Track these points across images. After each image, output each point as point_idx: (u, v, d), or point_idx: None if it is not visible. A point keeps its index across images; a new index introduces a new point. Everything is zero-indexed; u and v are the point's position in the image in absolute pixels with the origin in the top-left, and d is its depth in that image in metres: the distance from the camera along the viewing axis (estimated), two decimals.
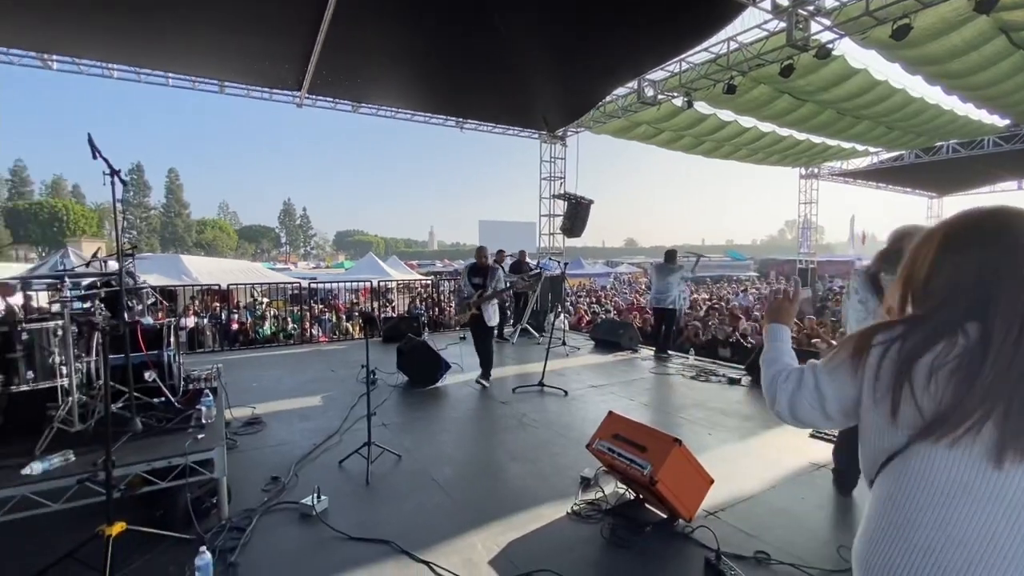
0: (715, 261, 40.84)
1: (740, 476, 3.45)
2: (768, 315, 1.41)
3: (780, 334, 1.33)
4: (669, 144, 12.66)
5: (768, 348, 1.30)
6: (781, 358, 1.25)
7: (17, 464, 2.52)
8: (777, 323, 1.35)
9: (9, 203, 54.40)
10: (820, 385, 1.08)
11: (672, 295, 7.44)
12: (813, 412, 1.10)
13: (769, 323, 1.37)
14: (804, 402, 1.10)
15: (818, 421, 1.12)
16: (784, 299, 1.41)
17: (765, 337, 1.35)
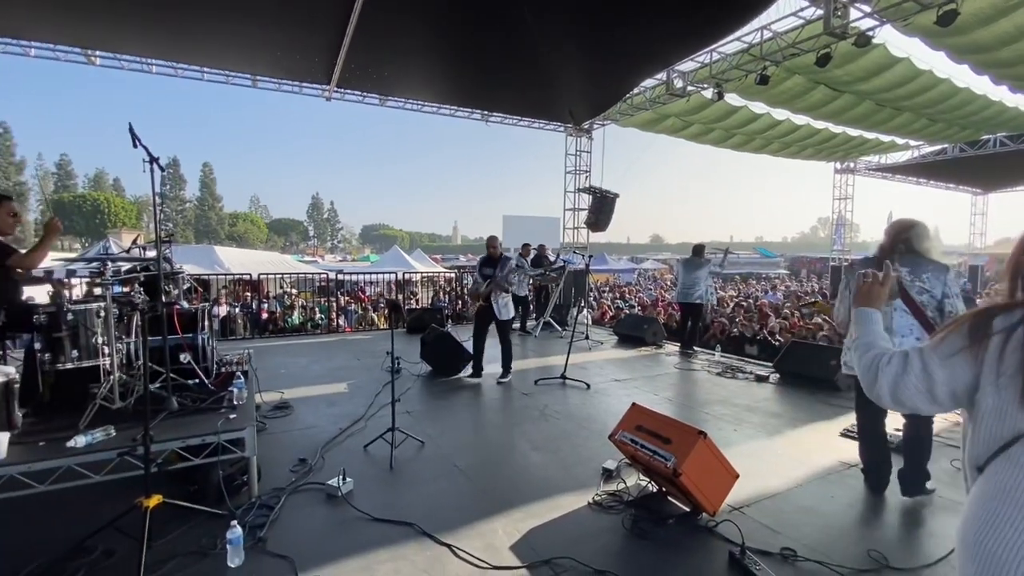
0: (744, 258, 39.95)
1: (766, 472, 3.38)
2: (858, 299, 1.39)
3: (872, 317, 1.32)
4: (698, 137, 12.41)
5: (861, 332, 1.29)
6: (877, 341, 1.25)
7: (63, 437, 2.65)
8: (868, 307, 1.34)
9: (55, 195, 56.91)
10: (929, 368, 1.07)
11: (699, 290, 7.32)
12: (918, 396, 1.09)
13: (859, 307, 1.36)
14: (909, 385, 1.10)
15: (923, 405, 1.11)
16: (874, 283, 1.39)
17: (855, 322, 1.35)
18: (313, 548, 2.48)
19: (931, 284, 2.85)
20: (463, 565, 2.37)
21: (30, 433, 2.77)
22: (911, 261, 2.90)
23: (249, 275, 10.76)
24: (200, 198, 70.79)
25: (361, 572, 2.31)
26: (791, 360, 5.90)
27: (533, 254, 9.74)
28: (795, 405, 4.96)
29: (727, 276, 31.65)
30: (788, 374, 5.82)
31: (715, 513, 2.74)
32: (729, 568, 2.37)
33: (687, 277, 7.45)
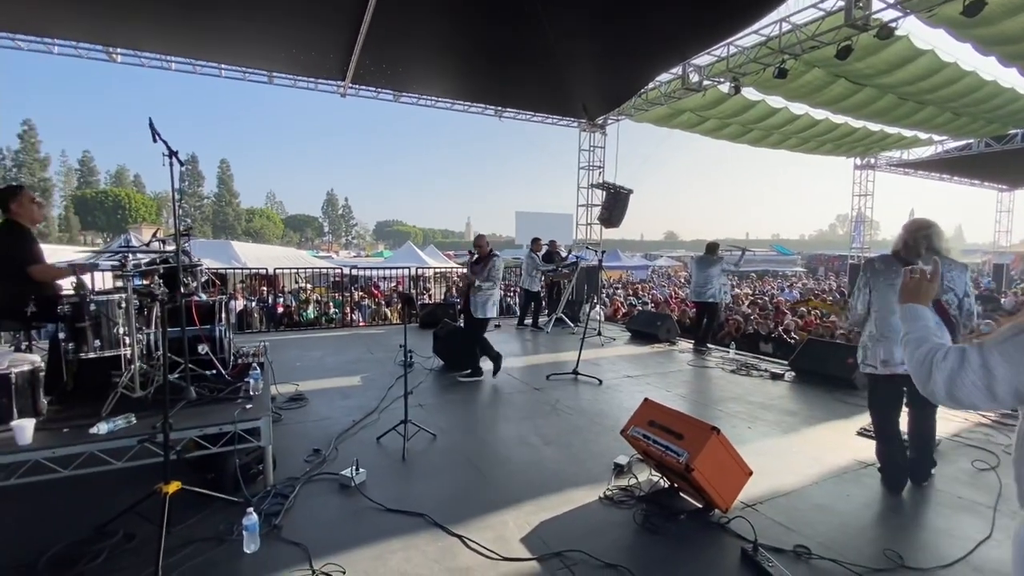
0: (760, 255, 39.43)
1: (780, 470, 3.35)
2: (906, 295, 1.38)
3: (922, 314, 1.31)
4: (714, 132, 12.28)
5: (911, 329, 1.28)
6: (930, 337, 1.24)
7: (86, 424, 2.72)
8: (916, 303, 1.33)
9: (78, 191, 58.23)
10: (989, 364, 1.05)
11: (712, 288, 7.25)
12: (976, 392, 1.07)
13: (907, 303, 1.34)
14: (967, 381, 1.08)
15: (980, 401, 1.09)
16: (922, 279, 1.38)
17: (903, 319, 1.33)
18: (327, 536, 2.51)
19: (955, 283, 2.90)
20: (474, 556, 2.39)
21: (54, 420, 2.85)
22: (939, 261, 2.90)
23: (265, 270, 10.92)
24: (218, 194, 71.84)
25: (374, 561, 2.34)
26: (807, 358, 5.81)
27: (544, 249, 9.72)
28: (811, 403, 4.89)
29: (743, 274, 31.30)
30: (804, 372, 5.74)
31: (727, 510, 2.72)
32: (741, 564, 2.36)
33: (700, 275, 7.38)
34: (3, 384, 2.68)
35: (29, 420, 2.57)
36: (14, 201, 3.38)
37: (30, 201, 3.46)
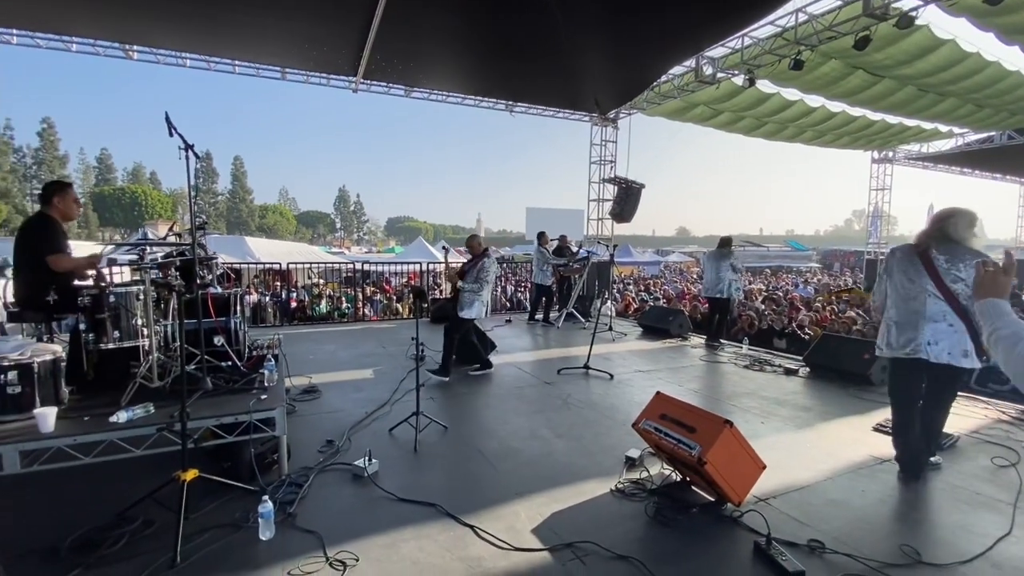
0: (774, 251, 38.97)
1: (794, 465, 3.32)
2: (982, 290, 1.33)
3: (1004, 308, 1.26)
4: (727, 126, 12.11)
5: (1001, 324, 1.24)
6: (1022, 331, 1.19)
7: (106, 413, 2.78)
8: (996, 298, 1.29)
9: (96, 189, 59.26)
10: None
11: (723, 284, 7.20)
12: None
13: (986, 298, 1.30)
14: None
15: None
16: (997, 272, 1.33)
17: (984, 315, 1.29)
18: (340, 525, 2.54)
19: (966, 273, 2.89)
20: (486, 546, 2.40)
21: (76, 408, 2.92)
22: (948, 249, 2.99)
23: (279, 265, 11.03)
24: (232, 191, 72.70)
25: (386, 549, 2.36)
26: (822, 353, 5.74)
27: (555, 244, 9.70)
28: (826, 399, 4.83)
29: (756, 269, 30.98)
30: (819, 367, 5.67)
31: (740, 503, 2.71)
32: (754, 558, 2.34)
33: (712, 271, 7.33)
34: (26, 373, 2.74)
35: (51, 408, 2.63)
36: (59, 195, 3.46)
37: (73, 200, 3.54)
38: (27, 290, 3.33)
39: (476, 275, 5.27)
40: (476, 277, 5.27)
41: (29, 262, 3.32)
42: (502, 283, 13.86)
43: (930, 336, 2.98)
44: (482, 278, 5.28)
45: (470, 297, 5.24)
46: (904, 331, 3.08)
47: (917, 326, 3.02)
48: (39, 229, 3.36)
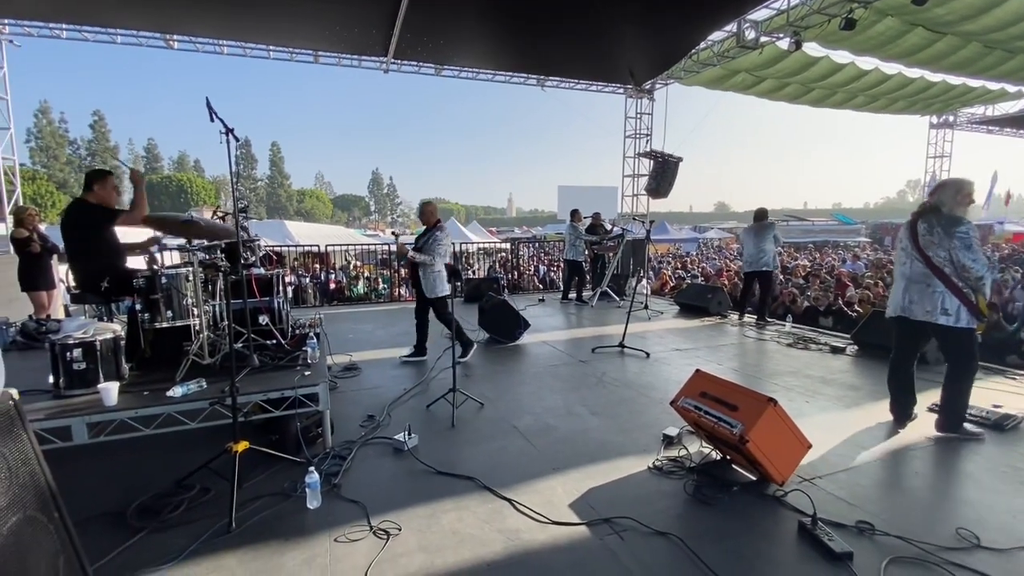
0: (819, 225, 37.26)
1: (842, 445, 3.21)
2: None
3: None
4: (771, 94, 11.54)
5: None
6: None
7: (163, 388, 2.94)
8: None
9: (144, 177, 62.07)
10: None
11: (766, 257, 6.94)
12: None
13: None
14: None
15: None
16: None
17: None
18: (383, 495, 2.63)
19: (939, 238, 3.22)
20: (523, 518, 2.44)
21: (135, 384, 3.10)
22: (929, 218, 3.32)
23: (317, 247, 11.32)
24: (270, 176, 74.66)
25: (427, 519, 2.43)
26: (872, 331, 5.48)
27: (588, 221, 9.56)
28: (876, 378, 4.62)
29: (800, 245, 29.77)
30: (868, 345, 5.43)
31: (784, 483, 2.64)
32: (799, 538, 2.29)
33: (752, 245, 7.07)
34: (90, 351, 2.92)
35: (114, 383, 2.81)
36: (98, 183, 3.62)
37: (112, 188, 3.71)
38: (83, 275, 3.53)
39: (429, 247, 4.95)
40: (427, 249, 4.95)
41: (81, 248, 3.50)
42: (534, 263, 13.82)
43: (911, 296, 3.37)
44: (433, 250, 4.94)
45: (432, 274, 4.97)
46: (895, 293, 3.52)
47: (904, 288, 3.44)
48: (84, 217, 3.52)
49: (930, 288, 3.27)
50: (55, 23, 7.84)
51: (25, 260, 5.87)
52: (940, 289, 3.23)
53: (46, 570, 1.24)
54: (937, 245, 3.22)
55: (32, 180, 35.99)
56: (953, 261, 3.17)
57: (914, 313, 3.34)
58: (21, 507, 1.21)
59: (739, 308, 7.61)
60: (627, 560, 2.14)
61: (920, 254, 3.31)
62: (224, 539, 2.27)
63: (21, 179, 8.33)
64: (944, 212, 3.26)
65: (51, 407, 2.71)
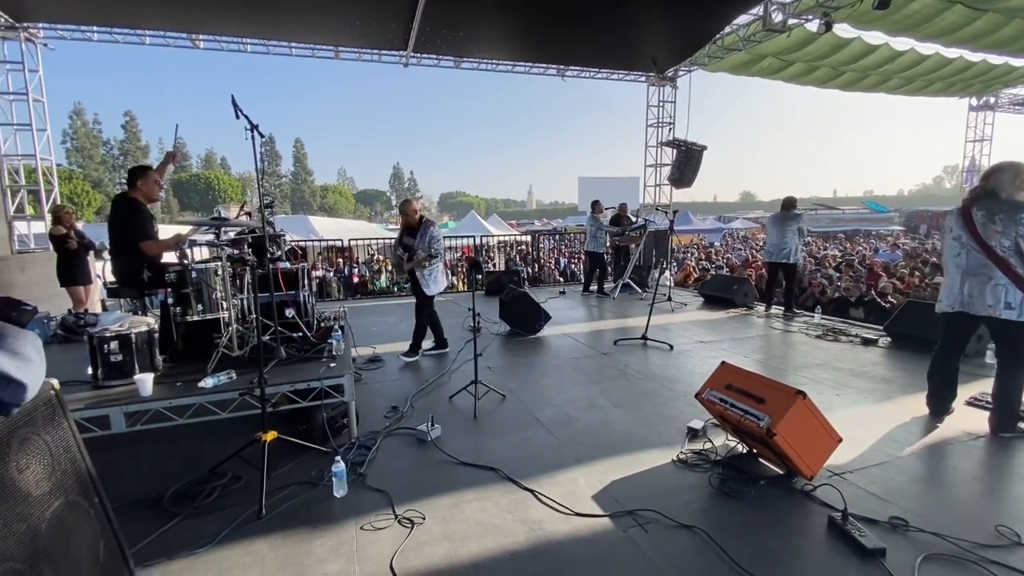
0: (849, 214, 36.07)
1: (874, 439, 3.12)
2: None
3: None
4: (799, 78, 11.18)
5: None
6: None
7: (195, 379, 3.03)
8: None
9: (175, 176, 63.76)
10: None
11: (788, 248, 6.77)
12: None
13: None
14: None
15: None
16: None
17: None
18: (407, 485, 2.67)
19: (1003, 226, 2.99)
20: (546, 510, 2.44)
21: (169, 375, 3.20)
22: (986, 204, 3.10)
23: (340, 241, 11.48)
24: (294, 172, 75.91)
25: (451, 509, 2.45)
26: (906, 322, 5.30)
27: (611, 213, 9.46)
28: (910, 370, 4.48)
29: (829, 234, 28.94)
30: (902, 337, 5.25)
31: (812, 477, 2.58)
32: (828, 533, 2.23)
33: (776, 235, 6.90)
34: (126, 343, 3.03)
35: (149, 374, 2.90)
36: (141, 178, 3.73)
37: (154, 182, 3.81)
38: (123, 269, 3.65)
39: (432, 248, 4.73)
40: (434, 249, 4.73)
41: (123, 244, 3.62)
42: (555, 255, 13.76)
43: (971, 289, 3.14)
44: (438, 249, 4.77)
45: (432, 271, 4.79)
46: (951, 286, 3.28)
47: (960, 281, 3.20)
48: (127, 213, 3.63)
49: (992, 281, 3.05)
50: (86, 25, 8.08)
51: (63, 256, 6.11)
52: (1003, 282, 3.01)
53: (87, 553, 1.29)
54: (1001, 233, 2.99)
55: (69, 180, 37.34)
56: (1020, 250, 2.95)
57: (975, 308, 3.13)
58: (63, 492, 1.26)
59: (765, 299, 7.45)
60: (651, 553, 2.13)
61: (979, 244, 3.08)
62: (255, 525, 2.34)
63: (59, 179, 8.65)
64: (1003, 198, 3.04)
65: (90, 397, 2.82)
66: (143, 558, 2.10)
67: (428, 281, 4.80)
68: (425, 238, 4.74)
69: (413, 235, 4.81)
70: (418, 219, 4.82)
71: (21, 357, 1.14)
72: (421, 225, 4.78)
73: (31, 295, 5.43)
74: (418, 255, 4.74)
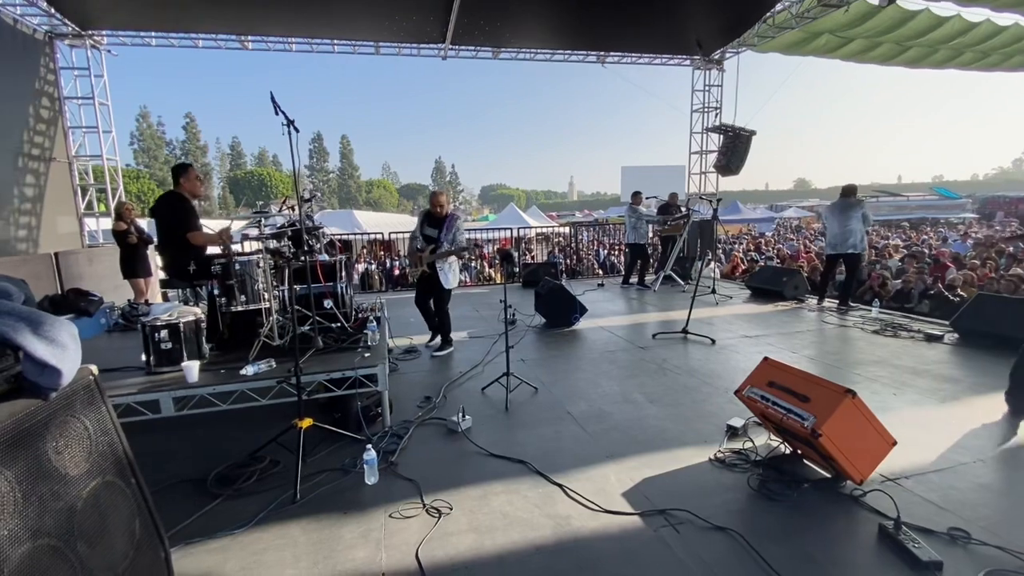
0: (915, 201, 33.69)
1: (934, 443, 2.88)
2: None
3: None
4: (859, 56, 10.44)
5: None
6: None
7: (237, 367, 3.15)
8: None
9: (231, 173, 67.04)
10: None
11: (853, 238, 6.34)
12: None
13: None
14: None
15: None
16: None
17: None
18: (436, 475, 2.68)
19: None
20: (574, 505, 2.40)
21: (214, 363, 3.35)
22: None
23: (381, 235, 11.73)
24: (341, 168, 78.17)
25: (478, 500, 2.45)
26: (975, 317, 4.88)
27: (655, 203, 9.20)
28: (979, 369, 4.12)
29: (892, 222, 27.16)
30: (970, 333, 4.84)
31: (862, 482, 2.41)
32: (879, 543, 2.08)
33: (836, 224, 6.48)
34: (175, 332, 3.19)
35: (195, 362, 3.05)
36: (183, 175, 3.93)
37: (196, 178, 4.00)
38: (171, 262, 3.84)
39: (454, 240, 4.71)
40: (459, 242, 4.73)
41: (168, 238, 3.81)
42: (594, 247, 13.55)
43: None
44: (461, 241, 4.75)
45: (452, 265, 4.79)
46: None
47: None
48: (170, 207, 3.81)
49: None
50: (145, 31, 8.56)
51: (125, 250, 6.53)
52: None
53: (123, 531, 1.36)
54: None
55: (136, 179, 39.92)
56: None
57: None
58: (100, 473, 1.33)
59: (819, 292, 7.05)
60: (682, 554, 2.05)
61: None
62: (290, 509, 2.41)
63: (128, 179, 9.24)
64: None
65: (143, 383, 2.99)
66: (187, 535, 2.22)
67: (448, 274, 4.76)
68: (451, 231, 4.71)
69: (437, 226, 4.78)
70: (444, 212, 4.79)
71: (57, 344, 1.20)
72: (447, 217, 4.76)
73: (98, 286, 5.85)
74: (442, 247, 4.72)
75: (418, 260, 4.86)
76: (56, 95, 8.18)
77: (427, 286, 4.90)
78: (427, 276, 4.82)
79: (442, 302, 4.92)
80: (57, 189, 8.05)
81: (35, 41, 7.74)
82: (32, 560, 1.04)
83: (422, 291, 5.00)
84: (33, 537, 1.06)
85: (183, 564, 2.04)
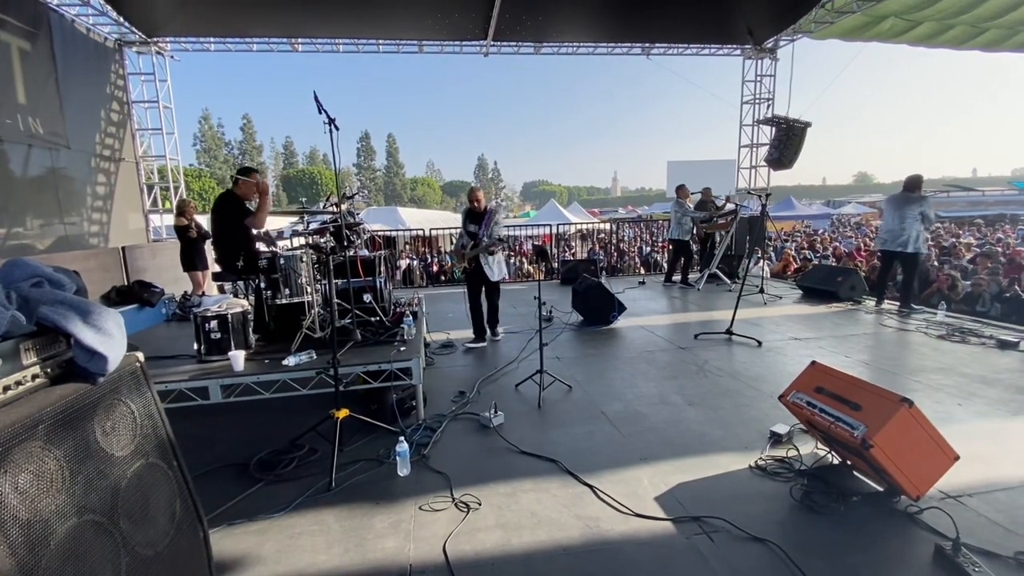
0: (991, 196, 31.10)
1: (1003, 459, 2.65)
2: None
3: None
4: (929, 40, 9.67)
5: None
6: None
7: (280, 357, 3.28)
8: None
9: (284, 172, 69.99)
10: None
11: (909, 235, 5.88)
12: None
13: None
14: None
15: None
16: None
17: None
18: (466, 469, 2.70)
19: None
20: (604, 507, 2.35)
21: (259, 353, 3.50)
22: None
23: (422, 231, 11.94)
24: (387, 166, 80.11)
25: (507, 497, 2.44)
26: None
27: (698, 197, 8.89)
28: None
29: (964, 219, 25.18)
30: None
31: (919, 498, 2.24)
32: (934, 564, 1.93)
33: (892, 219, 6.03)
34: (223, 323, 3.36)
35: (241, 352, 3.19)
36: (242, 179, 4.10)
37: (254, 183, 4.16)
38: (222, 256, 4.04)
39: (494, 237, 4.83)
40: (493, 239, 4.83)
41: (221, 234, 3.99)
42: (637, 244, 13.28)
43: None
44: (499, 233, 4.86)
45: (497, 257, 4.93)
46: None
47: None
48: (228, 207, 3.99)
49: None
50: (204, 37, 9.04)
51: (185, 245, 6.94)
52: None
53: (164, 510, 1.44)
54: None
55: (198, 178, 42.28)
56: None
57: None
58: (144, 454, 1.41)
59: (877, 293, 6.62)
60: (716, 564, 1.97)
61: None
62: (325, 496, 2.49)
63: (190, 177, 9.81)
64: None
65: (194, 370, 3.16)
66: (229, 516, 2.33)
67: (493, 268, 4.93)
68: (490, 225, 4.85)
69: (477, 222, 4.93)
70: (483, 207, 4.94)
71: (104, 332, 1.27)
72: (487, 212, 4.91)
73: (160, 279, 6.22)
74: (483, 242, 4.85)
75: (461, 257, 5.08)
76: (125, 99, 8.77)
77: (476, 281, 5.09)
78: (473, 271, 5.02)
79: (493, 295, 5.16)
80: (126, 188, 8.63)
81: (106, 49, 8.31)
82: (77, 535, 1.11)
83: (473, 286, 5.16)
84: (79, 513, 1.13)
85: (224, 544, 2.14)
